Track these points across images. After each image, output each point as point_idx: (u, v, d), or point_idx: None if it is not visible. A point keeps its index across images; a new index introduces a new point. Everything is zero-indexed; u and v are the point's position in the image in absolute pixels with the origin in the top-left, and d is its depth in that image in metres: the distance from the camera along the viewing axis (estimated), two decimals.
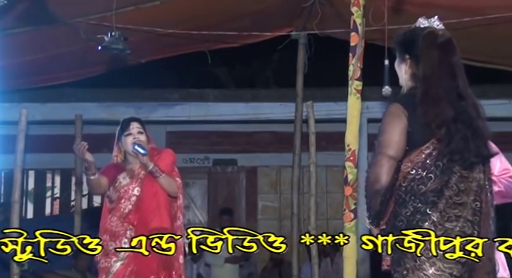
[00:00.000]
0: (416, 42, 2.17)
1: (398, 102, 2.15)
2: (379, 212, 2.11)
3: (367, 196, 2.16)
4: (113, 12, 3.60)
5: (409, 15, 3.90)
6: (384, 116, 2.16)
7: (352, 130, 3.07)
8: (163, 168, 3.26)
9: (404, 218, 2.07)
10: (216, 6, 4.33)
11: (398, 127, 2.09)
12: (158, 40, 4.66)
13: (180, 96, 7.35)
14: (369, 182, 2.13)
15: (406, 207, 2.07)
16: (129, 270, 3.15)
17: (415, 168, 2.07)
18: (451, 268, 2.01)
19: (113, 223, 3.21)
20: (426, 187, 2.05)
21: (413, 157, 2.08)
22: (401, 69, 2.22)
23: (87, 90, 6.98)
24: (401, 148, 2.08)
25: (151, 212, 3.21)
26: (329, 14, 4.61)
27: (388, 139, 2.09)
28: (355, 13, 3.06)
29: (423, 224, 2.03)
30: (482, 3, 3.65)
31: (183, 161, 8.27)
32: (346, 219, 3.03)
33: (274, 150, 7.87)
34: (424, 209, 2.04)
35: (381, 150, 2.10)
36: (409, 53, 2.19)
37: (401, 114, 2.10)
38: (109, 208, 3.29)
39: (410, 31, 2.24)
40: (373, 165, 2.12)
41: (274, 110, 7.08)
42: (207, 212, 8.33)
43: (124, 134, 3.32)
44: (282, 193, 8.14)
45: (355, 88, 3.06)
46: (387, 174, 2.07)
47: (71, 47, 4.56)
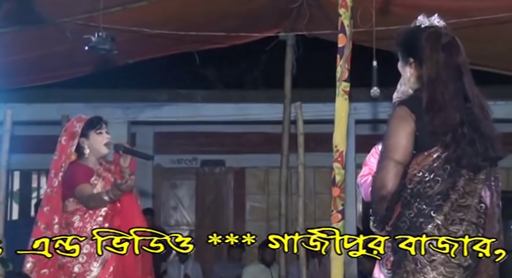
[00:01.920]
0: (418, 44, 2.09)
1: (405, 105, 2.07)
2: (384, 217, 2.07)
3: (372, 201, 2.11)
4: (100, 13, 3.57)
5: (397, 16, 3.93)
6: (391, 119, 2.09)
7: (340, 131, 3.08)
8: None
9: (407, 219, 2.02)
10: (204, 7, 4.32)
11: (406, 131, 2.03)
12: (146, 40, 4.65)
13: (168, 96, 7.33)
14: (375, 187, 2.07)
15: (410, 208, 2.02)
16: (109, 272, 3.10)
17: (422, 171, 2.02)
18: (453, 272, 1.97)
19: (88, 226, 3.12)
20: (433, 190, 2.01)
21: (420, 160, 2.03)
22: (406, 72, 2.15)
23: (74, 91, 6.93)
24: (408, 152, 2.03)
25: (135, 215, 3.17)
26: (317, 15, 4.62)
27: (395, 143, 2.04)
28: (342, 14, 3.07)
29: (426, 227, 2.00)
30: (468, 5, 3.67)
31: (170, 162, 8.26)
32: (334, 220, 3.04)
33: (262, 151, 7.87)
34: (428, 212, 2.00)
35: (388, 154, 2.05)
36: (413, 56, 2.12)
37: (408, 117, 2.03)
38: (73, 209, 3.16)
39: (411, 31, 2.16)
40: (380, 170, 2.06)
41: (262, 111, 7.09)
42: (194, 213, 8.31)
43: (96, 132, 3.22)
44: (270, 194, 8.15)
45: (343, 90, 3.07)
46: (394, 179, 2.02)
47: (58, 47, 4.52)
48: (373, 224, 2.14)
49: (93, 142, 3.22)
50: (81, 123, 3.26)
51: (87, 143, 3.23)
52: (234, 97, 7.46)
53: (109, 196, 3.05)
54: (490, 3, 3.74)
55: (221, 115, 7.18)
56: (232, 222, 8.14)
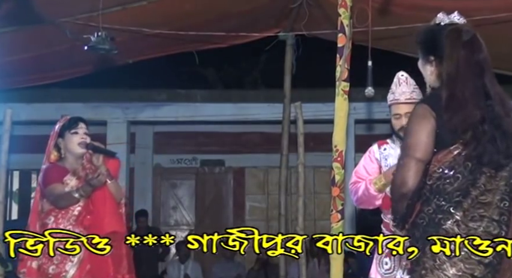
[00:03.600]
0: (439, 42, 2.07)
1: (426, 103, 2.06)
2: (405, 215, 2.05)
3: (392, 200, 2.10)
4: (99, 12, 3.57)
5: (395, 16, 3.93)
6: (411, 117, 2.08)
7: (340, 131, 3.08)
8: (112, 174, 3.20)
9: (426, 215, 2.00)
10: (204, 6, 4.32)
11: (426, 128, 2.01)
12: (145, 40, 4.64)
13: (168, 96, 7.33)
14: (396, 185, 2.06)
15: (429, 204, 2.01)
16: (85, 271, 3.08)
17: (442, 167, 2.01)
18: (473, 269, 1.95)
19: (61, 226, 3.10)
20: (453, 186, 1.99)
21: (441, 156, 2.01)
22: (427, 70, 2.14)
23: (73, 90, 6.93)
24: (429, 150, 2.01)
25: (105, 215, 3.15)
26: (316, 15, 4.62)
27: (416, 141, 2.02)
28: (342, 14, 3.06)
29: (445, 223, 1.98)
30: (467, 5, 3.67)
31: (170, 162, 8.26)
32: (334, 220, 3.04)
33: (261, 150, 7.87)
34: (447, 208, 1.98)
35: (409, 152, 2.03)
36: (433, 54, 2.10)
37: (429, 115, 2.02)
38: (48, 210, 3.15)
39: (431, 29, 2.14)
40: (400, 167, 2.04)
41: (262, 111, 7.09)
42: (194, 213, 8.31)
43: (70, 131, 3.18)
44: (269, 193, 8.15)
45: (343, 89, 3.07)
46: (414, 177, 2.00)
47: (57, 46, 4.52)
48: (393, 224, 2.13)
49: (67, 142, 3.20)
50: (60, 124, 3.26)
51: (63, 143, 3.22)
52: (234, 97, 7.46)
53: (79, 193, 3.06)
54: (489, 3, 3.74)
55: (221, 115, 7.18)
56: (232, 222, 8.14)
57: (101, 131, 6.71)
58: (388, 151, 2.96)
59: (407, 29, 4.09)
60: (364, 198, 2.90)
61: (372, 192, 2.87)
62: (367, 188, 2.88)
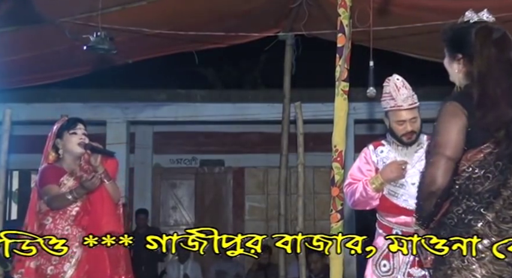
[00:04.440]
0: (468, 39, 2.04)
1: (456, 100, 2.02)
2: (431, 214, 2.02)
3: (419, 198, 2.06)
4: (98, 12, 3.57)
5: (395, 16, 3.93)
6: (441, 115, 2.03)
7: (339, 131, 3.08)
8: (110, 174, 3.20)
9: (455, 216, 1.99)
10: (203, 6, 4.31)
11: (457, 126, 1.98)
12: (145, 40, 4.64)
13: (167, 96, 7.32)
14: (424, 183, 2.02)
15: (459, 204, 1.99)
16: (83, 272, 3.08)
17: (472, 167, 1.98)
18: (501, 271, 1.93)
19: (59, 226, 3.11)
20: (483, 186, 1.97)
21: (470, 156, 1.99)
22: (454, 68, 2.11)
23: (73, 90, 6.92)
24: (459, 148, 1.98)
25: (102, 215, 3.15)
26: (316, 15, 4.62)
27: (446, 139, 1.99)
28: (341, 14, 3.06)
29: (476, 224, 1.95)
30: (467, 5, 3.66)
31: (170, 162, 8.25)
32: (333, 220, 3.04)
33: (261, 150, 7.87)
34: (478, 209, 1.96)
35: (438, 150, 1.99)
36: (461, 51, 2.07)
37: (460, 112, 1.98)
38: (45, 210, 3.16)
39: (459, 27, 2.11)
40: (430, 165, 2.01)
41: (261, 111, 7.09)
42: (194, 213, 8.31)
43: (69, 132, 3.18)
44: (269, 193, 8.15)
45: (342, 89, 3.07)
46: (444, 175, 1.97)
47: (57, 46, 4.51)
48: (417, 222, 2.09)
49: (66, 143, 3.19)
50: (58, 124, 3.26)
51: (61, 143, 3.22)
52: (233, 97, 7.46)
53: (72, 195, 3.05)
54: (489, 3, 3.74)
55: (220, 115, 7.18)
56: (231, 222, 8.14)
57: (101, 131, 6.71)
58: (384, 153, 2.94)
59: (406, 29, 4.09)
60: (362, 199, 2.88)
61: (370, 193, 2.85)
62: (364, 188, 2.86)
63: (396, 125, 2.86)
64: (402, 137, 2.86)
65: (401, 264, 2.81)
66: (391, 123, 2.88)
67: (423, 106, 2.94)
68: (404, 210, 2.84)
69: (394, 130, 2.87)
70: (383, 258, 2.85)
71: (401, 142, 2.89)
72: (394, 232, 2.85)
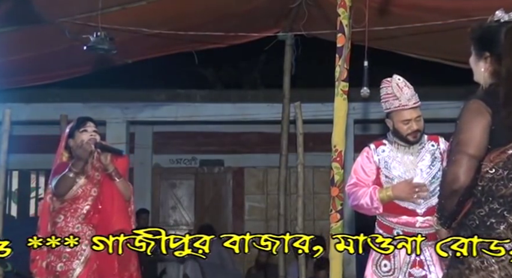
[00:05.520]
0: (498, 38, 2.02)
1: (480, 99, 2.00)
2: (454, 213, 2.00)
3: (442, 197, 2.05)
4: (98, 12, 3.57)
5: (393, 16, 3.93)
6: (464, 113, 2.00)
7: (339, 131, 3.08)
8: (121, 172, 3.25)
9: (476, 217, 1.97)
10: (203, 6, 4.31)
11: (481, 124, 1.96)
12: (145, 40, 4.64)
13: (167, 96, 7.32)
14: (446, 182, 2.00)
15: (481, 206, 1.96)
16: (92, 270, 3.12)
17: (495, 168, 1.96)
18: None
19: (70, 224, 3.15)
20: (506, 188, 1.94)
21: (494, 156, 1.97)
22: (479, 67, 2.08)
23: (72, 90, 6.93)
24: (483, 147, 1.96)
25: (113, 213, 3.20)
26: (316, 15, 4.62)
27: (469, 137, 1.96)
28: (341, 14, 3.06)
29: (498, 227, 1.93)
30: (466, 5, 3.68)
31: (169, 162, 8.26)
32: (333, 220, 3.04)
33: (261, 150, 7.87)
34: (501, 212, 1.94)
35: (461, 148, 1.96)
36: (489, 50, 2.05)
37: (484, 111, 1.96)
38: (58, 208, 3.20)
39: (488, 25, 2.10)
40: (452, 163, 1.98)
41: (261, 111, 7.09)
42: (193, 213, 8.31)
43: (79, 130, 3.23)
44: (268, 193, 8.15)
45: (342, 90, 3.07)
46: (467, 173, 1.94)
47: (57, 46, 4.51)
48: (439, 221, 2.07)
49: (77, 141, 3.23)
50: (69, 125, 3.33)
51: (73, 143, 3.26)
52: (233, 97, 7.46)
53: (72, 171, 3.10)
54: (488, 3, 3.74)
55: (220, 115, 7.18)
56: (231, 222, 8.14)
57: (100, 131, 6.65)
58: (386, 153, 2.94)
59: (405, 28, 4.09)
60: (366, 206, 2.87)
61: (376, 203, 2.83)
62: (371, 198, 2.84)
63: (401, 125, 2.85)
64: (408, 136, 2.86)
65: (402, 264, 2.81)
66: (395, 123, 2.87)
67: (422, 106, 2.94)
68: (405, 210, 2.84)
69: (399, 130, 2.87)
70: (384, 258, 2.85)
71: (407, 141, 2.89)
72: (395, 232, 2.85)
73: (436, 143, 2.95)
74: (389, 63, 4.73)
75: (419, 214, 2.83)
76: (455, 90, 6.15)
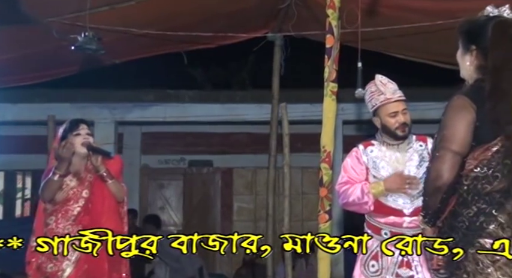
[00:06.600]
0: (484, 32, 2.01)
1: (464, 94, 1.98)
2: (438, 210, 1.98)
3: (425, 194, 2.03)
4: (86, 12, 3.55)
5: (383, 17, 3.95)
6: (448, 109, 1.99)
7: (328, 132, 3.09)
8: (112, 173, 3.24)
9: (465, 219, 1.94)
10: (192, 7, 4.30)
11: (465, 120, 1.93)
12: (133, 40, 4.62)
13: (156, 96, 7.30)
14: (430, 178, 1.98)
15: (469, 207, 1.94)
16: (82, 271, 3.11)
17: (480, 166, 1.94)
18: None
19: (61, 226, 3.15)
20: (491, 186, 1.92)
21: (478, 154, 1.94)
22: (465, 60, 2.07)
23: (60, 91, 6.87)
24: (467, 143, 1.93)
25: (102, 214, 3.19)
26: (305, 15, 4.63)
27: (452, 133, 1.94)
28: (330, 15, 3.08)
29: (488, 226, 1.91)
30: (454, 6, 3.70)
31: (158, 162, 8.23)
32: (321, 220, 3.05)
33: (249, 151, 7.87)
34: (490, 211, 1.92)
35: (444, 144, 1.95)
36: (475, 43, 2.03)
37: (468, 107, 1.94)
38: (50, 210, 3.20)
39: (476, 19, 2.09)
40: (436, 160, 1.96)
41: (250, 111, 7.09)
42: (182, 214, 8.29)
43: (73, 134, 3.22)
44: (257, 194, 8.15)
45: (331, 90, 3.08)
46: (450, 170, 1.92)
47: (44, 46, 4.48)
48: (424, 220, 2.05)
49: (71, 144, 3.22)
50: (62, 128, 3.30)
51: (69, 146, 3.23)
52: (222, 98, 7.45)
53: (56, 173, 3.10)
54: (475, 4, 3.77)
55: (209, 115, 7.17)
56: (219, 222, 8.13)
57: None
58: (375, 153, 2.95)
59: (394, 30, 4.11)
60: (357, 201, 2.87)
61: (367, 198, 2.84)
62: (362, 192, 2.84)
63: (389, 119, 2.87)
64: (396, 130, 2.88)
65: (389, 264, 2.82)
66: (382, 118, 2.89)
67: (409, 107, 2.96)
68: (393, 210, 2.86)
69: (387, 124, 2.88)
70: (371, 258, 2.86)
71: (396, 137, 2.90)
72: (382, 232, 2.86)
73: (424, 143, 2.97)
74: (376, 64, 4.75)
75: (406, 214, 2.84)
76: (442, 91, 6.15)
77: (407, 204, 2.85)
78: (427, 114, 5.93)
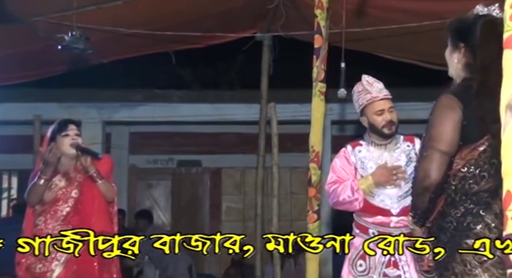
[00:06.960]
0: (473, 30, 2.01)
1: (452, 93, 1.97)
2: (426, 210, 1.97)
3: (413, 194, 2.02)
4: (73, 11, 3.52)
5: (370, 18, 3.96)
6: (435, 108, 1.98)
7: (316, 132, 3.10)
8: (102, 174, 3.23)
9: (453, 219, 1.93)
10: (180, 6, 4.29)
11: (452, 119, 1.92)
12: (121, 40, 4.60)
13: (144, 96, 7.27)
14: (418, 178, 1.98)
15: (456, 207, 1.93)
16: (71, 271, 3.10)
17: (467, 166, 1.93)
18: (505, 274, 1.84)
19: (50, 226, 3.13)
20: (479, 186, 1.91)
21: (465, 154, 1.93)
22: (454, 58, 2.06)
23: (47, 90, 6.82)
24: (454, 142, 1.92)
25: (92, 215, 3.18)
26: (293, 16, 4.64)
27: (440, 132, 1.93)
28: (318, 15, 3.08)
29: (476, 226, 1.90)
30: (442, 7, 3.73)
31: (146, 162, 8.19)
32: (310, 220, 3.05)
33: (238, 151, 7.86)
34: (477, 211, 1.91)
35: (432, 144, 1.94)
36: (464, 41, 2.03)
37: (455, 105, 1.93)
38: (39, 210, 3.19)
39: (466, 18, 2.09)
40: (423, 159, 1.95)
41: (238, 111, 7.08)
42: (170, 214, 8.26)
43: (61, 134, 3.20)
44: (246, 194, 8.15)
45: (319, 90, 3.09)
46: (438, 169, 1.91)
47: (30, 46, 4.44)
48: (413, 220, 2.04)
49: (59, 145, 3.21)
50: (51, 128, 3.28)
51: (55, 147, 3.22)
52: (210, 98, 7.44)
53: (41, 178, 3.09)
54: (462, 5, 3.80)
55: (197, 115, 7.15)
56: (208, 222, 8.11)
57: None
58: (363, 153, 2.96)
59: (382, 30, 4.13)
60: (347, 199, 2.87)
61: (357, 194, 2.85)
62: (352, 189, 2.85)
63: (375, 117, 2.88)
64: (383, 129, 2.89)
65: (377, 264, 2.84)
66: (370, 117, 2.90)
67: (397, 107, 2.97)
68: (380, 210, 2.87)
69: (374, 123, 2.89)
70: (359, 258, 2.87)
71: (383, 135, 2.91)
72: (370, 232, 2.87)
73: (411, 144, 2.98)
74: (364, 64, 4.77)
75: (393, 214, 2.86)
76: (428, 91, 6.19)
77: (395, 203, 2.87)
78: (414, 114, 5.96)
